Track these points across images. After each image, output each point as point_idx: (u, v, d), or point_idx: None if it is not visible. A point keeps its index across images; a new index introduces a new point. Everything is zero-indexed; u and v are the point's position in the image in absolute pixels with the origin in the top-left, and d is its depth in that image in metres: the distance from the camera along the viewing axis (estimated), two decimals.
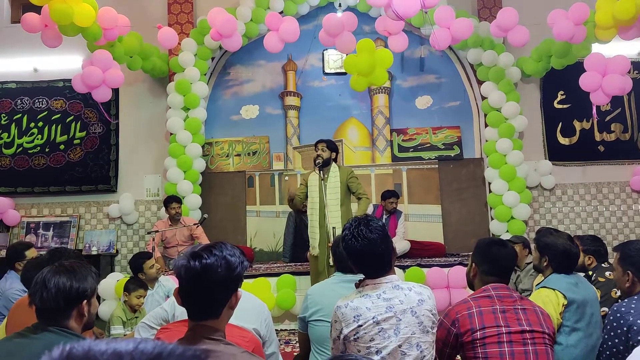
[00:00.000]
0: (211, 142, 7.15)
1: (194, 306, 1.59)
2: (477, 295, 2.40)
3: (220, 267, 1.53)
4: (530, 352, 2.23)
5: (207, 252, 1.54)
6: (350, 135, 7.29)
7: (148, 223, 7.00)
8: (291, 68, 7.34)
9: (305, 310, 2.85)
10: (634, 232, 7.15)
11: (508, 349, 2.22)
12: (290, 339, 4.99)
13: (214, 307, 1.58)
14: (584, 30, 5.51)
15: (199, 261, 1.52)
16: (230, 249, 1.59)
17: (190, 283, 1.56)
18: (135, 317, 4.56)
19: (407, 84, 7.27)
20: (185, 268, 1.54)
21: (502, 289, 2.40)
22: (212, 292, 1.56)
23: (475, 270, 2.52)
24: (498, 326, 2.26)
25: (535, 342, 2.26)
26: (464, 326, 2.28)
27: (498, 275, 2.45)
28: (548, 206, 7.14)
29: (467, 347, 2.27)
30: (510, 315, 2.29)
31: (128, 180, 7.07)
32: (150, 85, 7.15)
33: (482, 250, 2.53)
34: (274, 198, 7.14)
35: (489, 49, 6.56)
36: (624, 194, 7.23)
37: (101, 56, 5.63)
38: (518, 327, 2.26)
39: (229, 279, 1.56)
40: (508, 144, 6.51)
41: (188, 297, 1.59)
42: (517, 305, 2.34)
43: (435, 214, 6.98)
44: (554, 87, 7.15)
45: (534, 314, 2.33)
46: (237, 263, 1.57)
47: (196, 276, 1.53)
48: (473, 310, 2.30)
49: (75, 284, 1.89)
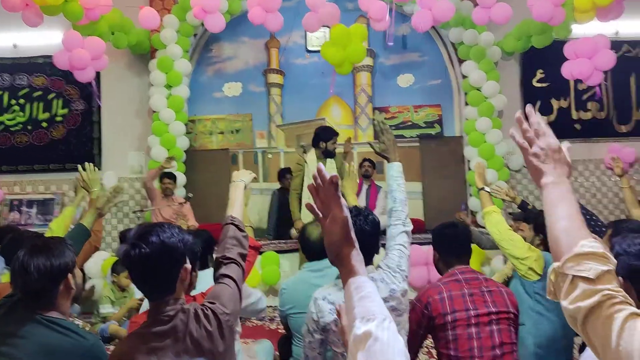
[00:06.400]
0: (194, 119, 7.16)
1: (147, 288, 1.70)
2: (447, 280, 2.56)
3: (159, 252, 1.60)
4: (494, 332, 2.41)
5: (144, 241, 1.60)
6: (333, 113, 7.35)
7: (132, 200, 7.04)
8: (274, 45, 7.33)
9: (282, 305, 3.00)
10: (607, 207, 7.39)
11: (475, 330, 2.40)
12: (275, 316, 5.12)
13: (166, 285, 1.66)
14: (562, 11, 5.60)
15: (138, 249, 1.59)
16: (168, 231, 1.65)
17: (135, 269, 1.64)
18: (124, 296, 4.67)
19: (390, 62, 7.32)
20: (126, 257, 1.62)
21: (468, 272, 2.58)
22: (159, 274, 1.63)
23: (437, 256, 2.72)
24: (467, 309, 2.43)
25: (499, 322, 2.45)
26: (436, 310, 2.44)
27: (456, 255, 2.64)
28: (525, 183, 7.32)
29: (439, 329, 2.45)
30: (477, 299, 2.47)
31: (111, 157, 7.07)
32: (132, 62, 7.10)
33: (437, 236, 2.75)
34: (258, 175, 7.22)
35: (470, 28, 6.62)
36: (598, 171, 7.44)
37: (90, 42, 5.62)
38: (485, 310, 2.44)
39: (172, 259, 1.64)
40: (487, 123, 6.64)
41: (138, 281, 1.69)
42: (483, 288, 2.51)
43: (416, 191, 7.12)
44: (533, 66, 7.27)
45: (499, 295, 2.51)
46: (175, 243, 1.64)
47: (138, 263, 1.61)
48: (444, 295, 2.47)
49: (56, 262, 1.86)
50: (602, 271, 1.03)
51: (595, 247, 1.07)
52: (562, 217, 1.15)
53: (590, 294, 1.02)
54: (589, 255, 1.06)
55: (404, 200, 2.44)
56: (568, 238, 1.11)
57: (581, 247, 1.07)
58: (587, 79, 5.84)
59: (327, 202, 1.15)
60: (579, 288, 1.04)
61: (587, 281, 1.03)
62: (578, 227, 1.13)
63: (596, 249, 1.06)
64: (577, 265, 1.05)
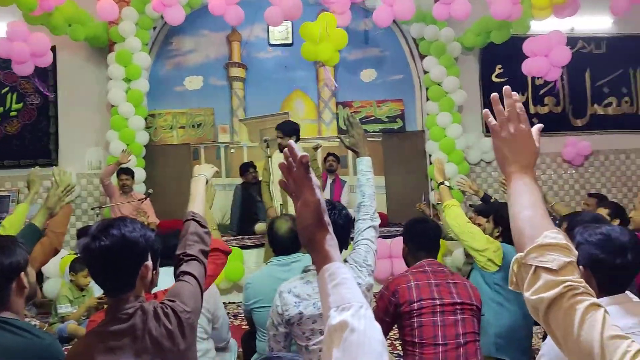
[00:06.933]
0: (154, 113, 7.03)
1: (106, 283, 1.64)
2: (414, 270, 2.63)
3: (120, 245, 1.56)
4: (459, 321, 2.48)
5: (105, 233, 1.56)
6: (296, 107, 7.33)
7: (90, 197, 6.88)
8: (236, 38, 7.26)
9: (247, 300, 2.98)
10: (564, 199, 7.59)
11: (440, 318, 2.46)
12: (239, 312, 5.09)
13: (126, 280, 1.62)
14: (520, 8, 5.71)
15: (98, 242, 1.55)
16: (130, 225, 1.61)
17: (95, 264, 1.60)
18: (83, 295, 4.56)
19: (352, 57, 7.34)
20: (86, 250, 1.57)
21: (435, 264, 2.65)
22: (119, 269, 1.59)
23: (406, 249, 2.78)
24: (433, 299, 2.49)
25: (464, 312, 2.51)
26: (403, 297, 2.49)
27: (426, 249, 2.71)
28: (484, 176, 7.47)
29: (405, 316, 2.50)
30: (443, 289, 2.53)
31: (69, 153, 6.88)
32: (90, 55, 6.91)
33: (409, 230, 2.82)
34: (220, 171, 7.14)
35: (431, 23, 6.69)
36: (554, 164, 7.66)
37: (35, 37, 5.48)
38: (450, 299, 2.51)
39: (132, 254, 1.60)
40: (448, 118, 6.74)
41: (97, 276, 1.64)
42: (449, 280, 2.58)
43: (379, 185, 7.17)
44: (492, 61, 7.40)
45: (463, 288, 2.58)
46: (136, 237, 1.60)
47: (99, 257, 1.57)
48: (412, 284, 2.52)
49: (7, 260, 1.81)
50: (565, 262, 1.04)
51: (558, 238, 1.08)
52: (526, 207, 1.15)
53: (552, 285, 1.03)
54: (552, 247, 1.07)
55: (372, 195, 2.45)
56: (532, 229, 1.11)
57: (544, 237, 1.08)
58: (545, 75, 6.01)
59: (298, 184, 1.09)
60: (542, 279, 1.04)
61: (549, 272, 1.04)
62: (541, 217, 1.13)
63: (559, 240, 1.07)
64: (540, 256, 1.06)
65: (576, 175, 7.74)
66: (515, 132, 1.22)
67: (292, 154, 1.09)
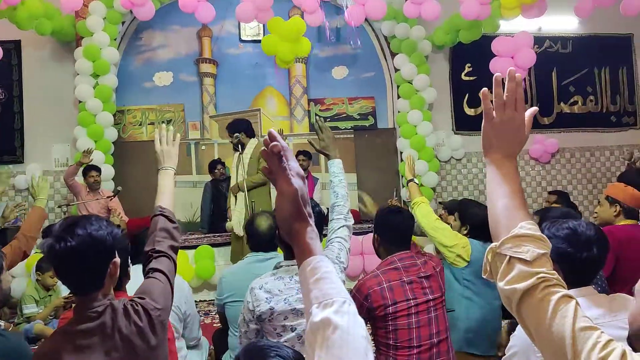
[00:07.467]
0: (123, 110, 6.92)
1: (73, 284, 1.60)
2: (385, 268, 2.58)
3: (87, 244, 1.52)
4: (432, 319, 2.49)
5: (70, 233, 1.51)
6: (268, 104, 7.30)
7: (58, 194, 6.74)
8: (206, 34, 7.19)
9: (220, 294, 2.96)
10: (531, 196, 7.74)
11: (415, 319, 2.46)
12: (210, 310, 5.06)
13: (94, 280, 1.57)
14: (489, 8, 5.80)
15: (63, 243, 1.50)
16: (95, 223, 1.57)
17: (61, 265, 1.56)
18: (49, 295, 4.46)
19: (324, 54, 7.35)
20: (51, 251, 1.52)
21: (407, 258, 2.61)
22: (86, 269, 1.55)
23: (378, 240, 2.73)
24: (407, 300, 2.47)
25: (436, 309, 2.52)
26: (376, 301, 2.46)
27: (398, 242, 2.67)
28: (454, 173, 7.56)
29: (379, 319, 2.48)
30: (416, 286, 2.52)
31: (35, 149, 6.72)
32: (57, 49, 6.76)
33: (381, 220, 2.75)
34: (191, 168, 7.08)
35: (402, 21, 6.73)
36: (522, 161, 7.79)
37: None
38: (424, 298, 2.51)
39: (100, 253, 1.56)
40: (418, 115, 6.79)
41: (64, 277, 1.60)
42: (421, 274, 2.56)
43: (351, 182, 7.19)
44: (461, 60, 7.49)
45: (435, 280, 2.58)
46: (103, 235, 1.56)
47: (64, 258, 1.52)
48: (384, 285, 2.49)
49: None
50: (539, 254, 1.06)
51: (533, 229, 1.09)
52: (504, 196, 1.15)
53: (526, 276, 1.04)
54: (527, 238, 1.07)
55: (345, 196, 2.46)
56: (508, 219, 1.12)
57: (520, 228, 1.09)
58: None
59: (274, 173, 1.03)
60: (516, 269, 1.05)
61: (523, 263, 1.05)
62: (518, 208, 1.13)
63: (535, 232, 1.08)
64: (515, 246, 1.07)
65: (543, 172, 7.90)
66: (508, 119, 1.19)
67: (271, 138, 1.03)
